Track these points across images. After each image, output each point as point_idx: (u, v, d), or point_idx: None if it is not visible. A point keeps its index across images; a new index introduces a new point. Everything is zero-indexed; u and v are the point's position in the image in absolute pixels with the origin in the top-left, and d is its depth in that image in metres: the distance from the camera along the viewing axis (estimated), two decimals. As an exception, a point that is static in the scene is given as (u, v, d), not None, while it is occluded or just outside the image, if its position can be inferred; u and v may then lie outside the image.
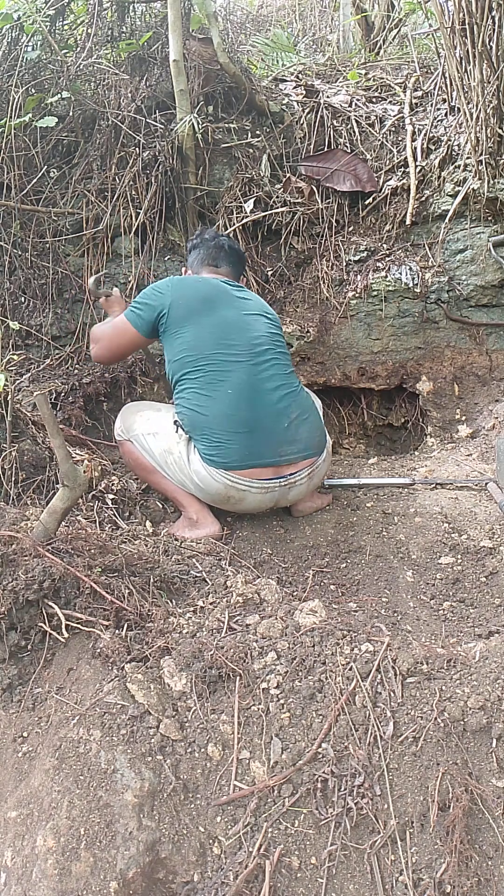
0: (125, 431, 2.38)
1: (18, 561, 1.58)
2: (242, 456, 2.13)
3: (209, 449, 2.14)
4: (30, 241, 3.20)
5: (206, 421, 2.15)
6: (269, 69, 4.08)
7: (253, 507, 2.25)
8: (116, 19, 3.59)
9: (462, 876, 1.21)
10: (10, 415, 2.21)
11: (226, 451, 2.12)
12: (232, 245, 2.57)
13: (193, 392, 2.19)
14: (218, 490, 2.17)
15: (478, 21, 2.70)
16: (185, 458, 2.21)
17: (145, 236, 3.29)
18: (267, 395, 2.18)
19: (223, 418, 2.13)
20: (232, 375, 2.17)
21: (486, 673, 1.45)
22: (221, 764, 1.34)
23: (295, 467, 2.21)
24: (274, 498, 2.23)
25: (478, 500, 2.41)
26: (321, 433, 2.33)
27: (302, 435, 2.22)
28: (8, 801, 1.31)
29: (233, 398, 2.14)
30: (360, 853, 1.24)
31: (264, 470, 2.16)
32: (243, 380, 2.17)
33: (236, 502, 2.21)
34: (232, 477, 2.14)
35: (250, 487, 2.16)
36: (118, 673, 1.44)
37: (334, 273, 3.36)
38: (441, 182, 3.32)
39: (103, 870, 1.17)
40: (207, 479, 2.16)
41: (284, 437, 2.18)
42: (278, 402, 2.19)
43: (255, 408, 2.16)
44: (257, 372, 2.20)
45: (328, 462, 2.38)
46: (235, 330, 2.24)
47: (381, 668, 1.46)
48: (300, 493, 2.29)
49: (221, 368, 2.17)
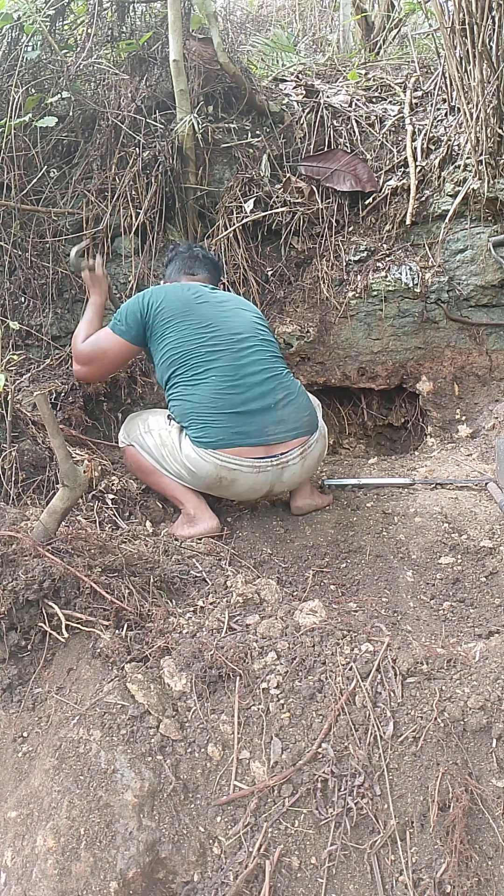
0: (127, 437, 2.45)
1: (18, 561, 1.58)
2: (229, 435, 2.17)
3: (197, 431, 2.19)
4: (30, 241, 3.20)
5: (193, 406, 2.22)
6: (269, 69, 4.08)
7: (246, 489, 2.26)
8: (116, 19, 3.59)
9: (462, 876, 1.21)
10: (10, 415, 2.22)
11: (213, 431, 2.17)
12: (206, 254, 2.71)
13: (181, 386, 2.27)
14: (209, 471, 2.19)
15: (478, 21, 2.70)
16: (178, 445, 2.26)
17: (145, 236, 3.29)
18: (250, 377, 2.25)
19: (208, 401, 2.20)
20: (215, 364, 2.24)
21: (486, 673, 1.45)
22: (221, 764, 1.34)
23: (286, 446, 2.23)
24: (268, 479, 2.24)
25: (478, 500, 2.41)
26: (310, 414, 2.35)
27: (289, 415, 2.25)
28: (8, 801, 1.31)
29: (216, 382, 2.22)
30: (360, 853, 1.24)
31: (254, 449, 2.19)
32: (226, 365, 2.24)
33: (229, 484, 2.22)
34: (221, 455, 2.17)
35: (241, 466, 2.18)
36: (118, 673, 1.45)
37: (334, 273, 3.36)
38: (441, 182, 3.32)
39: (103, 870, 1.17)
40: (198, 460, 2.19)
41: (271, 417, 2.22)
42: (261, 383, 2.25)
43: (238, 389, 2.22)
44: (239, 358, 2.27)
45: (323, 444, 2.40)
46: (215, 324, 2.31)
47: (381, 668, 1.46)
48: (295, 475, 2.29)
49: (204, 360, 2.25)
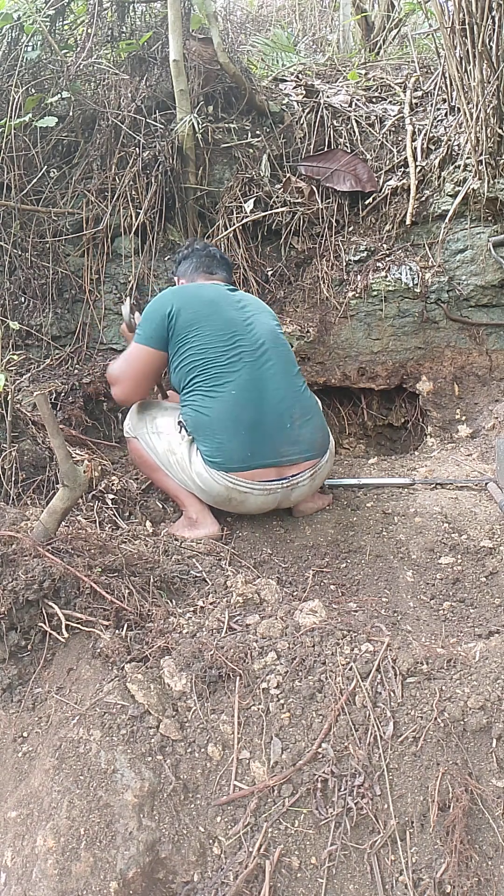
0: (132, 429, 2.41)
1: (18, 561, 1.58)
2: (244, 457, 2.12)
3: (211, 451, 2.14)
4: (30, 241, 3.20)
5: (208, 422, 2.15)
6: (269, 69, 4.08)
7: (255, 508, 2.25)
8: (116, 19, 3.59)
9: (462, 876, 1.21)
10: (10, 415, 2.22)
11: (227, 453, 2.12)
12: (222, 254, 2.67)
13: (198, 394, 2.19)
14: (219, 492, 2.17)
15: (478, 21, 2.70)
16: (188, 460, 2.21)
17: (145, 236, 3.29)
18: (269, 395, 2.18)
19: (225, 418, 2.13)
20: (236, 375, 2.17)
21: (486, 673, 1.45)
22: (221, 764, 1.34)
23: (297, 468, 2.20)
24: (276, 499, 2.23)
25: (478, 500, 2.41)
26: (324, 434, 2.32)
27: (304, 436, 2.21)
28: (8, 801, 1.31)
29: (236, 398, 2.15)
30: (360, 853, 1.24)
31: (266, 471, 2.16)
32: (247, 380, 2.17)
33: (238, 504, 2.21)
34: (233, 479, 2.14)
35: (252, 489, 2.16)
36: (118, 673, 1.45)
37: (334, 273, 3.36)
38: (441, 182, 3.32)
39: (103, 870, 1.17)
40: (209, 481, 2.16)
41: (286, 437, 2.18)
42: (280, 402, 2.19)
43: (257, 408, 2.15)
44: (261, 372, 2.20)
45: (331, 463, 2.38)
46: (238, 332, 2.24)
47: (381, 668, 1.46)
48: (302, 495, 2.29)
49: (226, 369, 2.18)
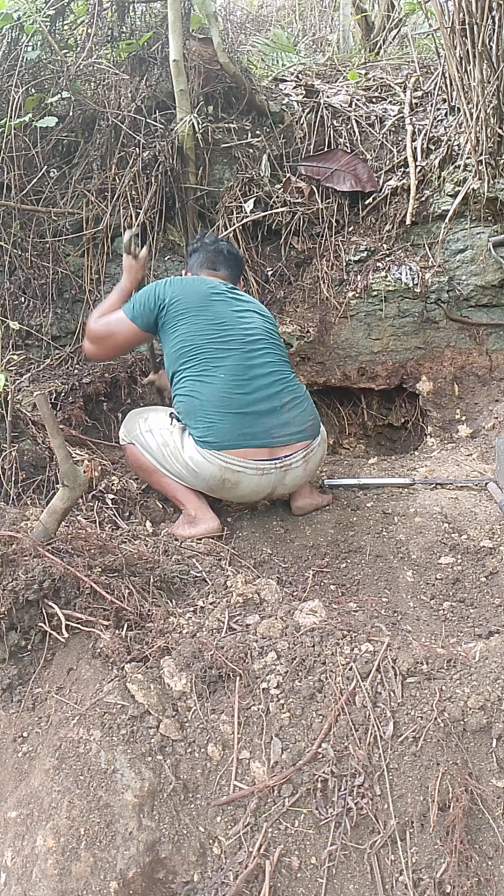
0: (127, 434, 2.43)
1: (18, 561, 1.58)
2: (235, 436, 2.16)
3: (202, 431, 2.18)
4: (30, 241, 3.20)
5: (199, 405, 2.21)
6: (269, 69, 4.08)
7: (249, 491, 2.25)
8: (116, 19, 3.59)
9: (462, 876, 1.21)
10: (10, 415, 2.21)
11: (218, 432, 2.16)
12: (231, 250, 2.67)
13: (189, 380, 2.26)
14: (213, 473, 2.19)
15: (478, 21, 2.70)
16: (180, 446, 2.25)
17: (145, 236, 3.29)
18: (259, 378, 2.25)
19: (216, 399, 2.19)
20: (225, 361, 2.24)
21: (486, 673, 1.45)
22: (221, 764, 1.34)
23: (290, 449, 2.24)
24: (270, 482, 2.24)
25: (478, 500, 2.41)
26: (315, 419, 2.37)
27: (295, 419, 2.26)
28: (8, 801, 1.31)
29: (225, 381, 2.21)
30: (360, 853, 1.24)
31: (258, 451, 2.19)
32: (237, 365, 2.24)
33: (232, 486, 2.22)
34: (225, 457, 2.16)
35: (245, 468, 2.18)
36: (118, 673, 1.44)
37: (334, 273, 3.36)
38: (441, 182, 3.32)
39: (103, 870, 1.17)
40: (202, 462, 2.18)
41: (277, 419, 2.22)
42: (270, 385, 2.25)
43: (246, 389, 2.22)
44: (249, 358, 2.27)
45: (323, 448, 2.42)
46: (229, 323, 2.31)
47: (381, 668, 1.46)
48: (297, 478, 2.30)
49: (215, 356, 2.25)
